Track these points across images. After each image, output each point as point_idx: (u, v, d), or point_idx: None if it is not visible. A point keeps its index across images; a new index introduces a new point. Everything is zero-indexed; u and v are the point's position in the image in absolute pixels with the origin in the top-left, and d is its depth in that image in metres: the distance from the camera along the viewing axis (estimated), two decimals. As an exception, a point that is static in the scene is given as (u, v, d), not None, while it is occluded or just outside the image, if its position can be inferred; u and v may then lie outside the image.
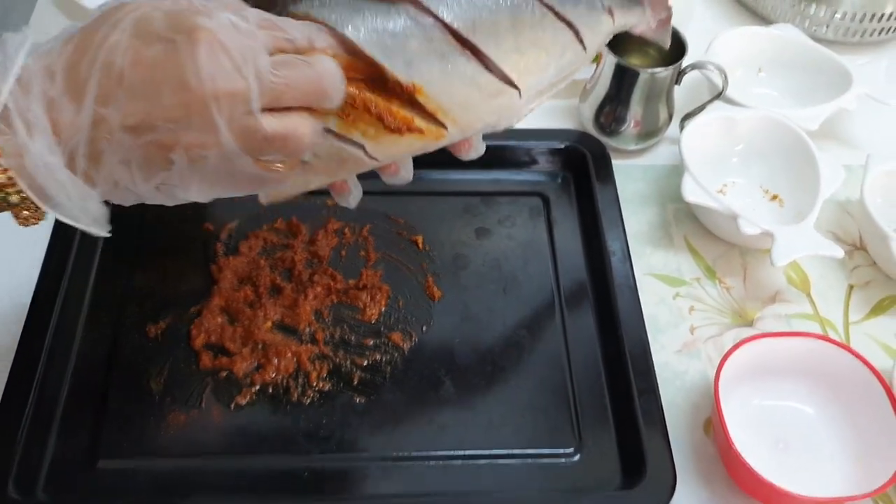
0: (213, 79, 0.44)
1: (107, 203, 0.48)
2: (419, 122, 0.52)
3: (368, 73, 0.50)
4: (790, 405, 0.69)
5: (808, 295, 0.79)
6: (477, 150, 0.59)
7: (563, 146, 0.84)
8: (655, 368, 0.68)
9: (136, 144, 0.45)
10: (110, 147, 0.45)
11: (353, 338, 0.72)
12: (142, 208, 0.50)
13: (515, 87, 0.55)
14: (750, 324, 0.77)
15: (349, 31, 0.49)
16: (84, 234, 0.72)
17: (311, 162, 0.52)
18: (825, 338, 0.69)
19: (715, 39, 0.92)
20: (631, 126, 0.86)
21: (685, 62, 0.84)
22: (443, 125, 0.53)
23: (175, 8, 0.45)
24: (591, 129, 0.87)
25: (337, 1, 0.51)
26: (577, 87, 0.90)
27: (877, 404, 0.66)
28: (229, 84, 0.44)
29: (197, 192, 0.49)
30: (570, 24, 0.57)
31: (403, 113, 0.51)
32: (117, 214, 0.49)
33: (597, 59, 0.86)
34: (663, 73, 0.83)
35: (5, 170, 0.44)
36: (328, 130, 0.50)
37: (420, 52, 0.51)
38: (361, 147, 0.52)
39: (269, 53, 0.46)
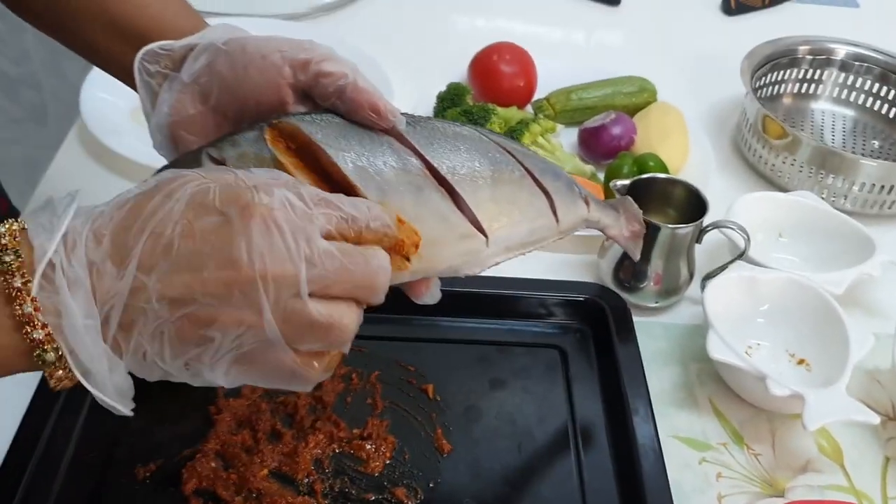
0: (264, 258, 0.43)
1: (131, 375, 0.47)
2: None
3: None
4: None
5: (842, 465, 0.74)
6: (433, 295, 0.56)
7: (581, 299, 0.81)
8: (682, 538, 0.63)
9: (172, 317, 0.43)
10: (145, 316, 0.43)
11: (353, 491, 0.67)
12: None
13: (485, 234, 0.54)
14: (781, 494, 0.71)
15: (330, 150, 0.50)
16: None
17: None
18: (866, 510, 0.64)
19: (735, 203, 0.91)
20: (651, 283, 0.84)
21: (706, 221, 0.83)
22: (406, 258, 0.51)
23: (232, 181, 0.45)
24: (611, 285, 0.85)
25: (328, 121, 0.52)
26: (594, 243, 0.88)
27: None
28: (279, 266, 0.43)
29: (224, 376, 0.46)
30: (546, 193, 0.58)
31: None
32: None
33: (616, 215, 0.85)
34: (684, 229, 0.82)
35: (45, 325, 0.43)
36: None
37: (396, 180, 0.51)
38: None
39: (325, 235, 0.45)
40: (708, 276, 0.85)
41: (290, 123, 0.52)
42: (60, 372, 0.44)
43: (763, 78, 1.15)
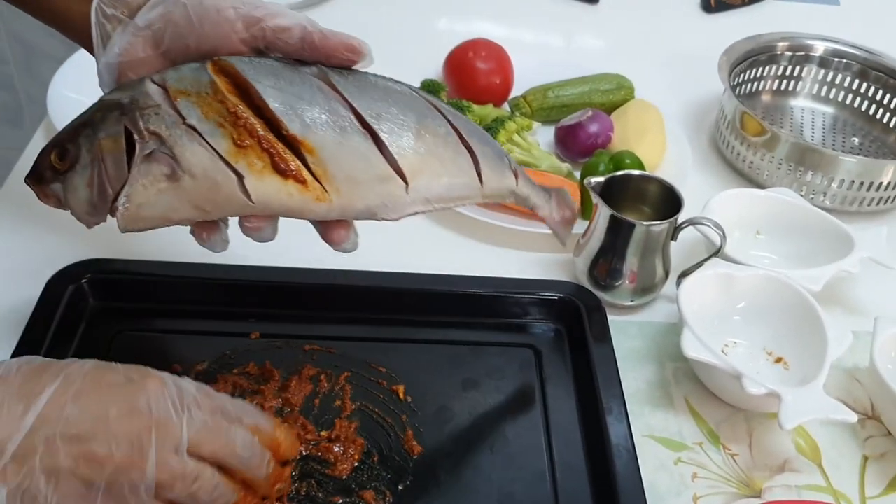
0: (156, 412, 0.51)
1: None
2: (305, 173, 0.54)
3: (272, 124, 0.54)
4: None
5: (819, 465, 0.73)
6: (351, 241, 0.59)
7: (556, 297, 0.80)
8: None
9: (68, 453, 0.49)
10: (43, 449, 0.48)
11: (320, 495, 0.65)
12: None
13: (405, 179, 0.57)
14: (758, 494, 0.70)
15: (259, 86, 0.54)
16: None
17: (182, 181, 0.53)
18: (843, 510, 0.62)
19: (711, 200, 0.90)
20: (626, 281, 0.82)
21: (681, 218, 0.82)
22: (326, 191, 0.55)
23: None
24: (586, 283, 0.84)
25: (263, 63, 0.56)
26: (570, 242, 0.87)
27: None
28: (166, 419, 0.52)
29: None
30: (472, 153, 0.60)
31: (291, 158, 0.54)
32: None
33: (591, 212, 0.84)
34: (659, 226, 0.80)
35: None
36: (215, 152, 0.53)
37: (320, 119, 0.55)
38: (241, 178, 0.53)
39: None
40: (684, 274, 0.84)
41: (228, 62, 0.55)
42: None
43: (742, 75, 1.14)
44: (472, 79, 1.08)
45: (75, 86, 0.98)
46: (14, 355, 0.68)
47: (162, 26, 0.57)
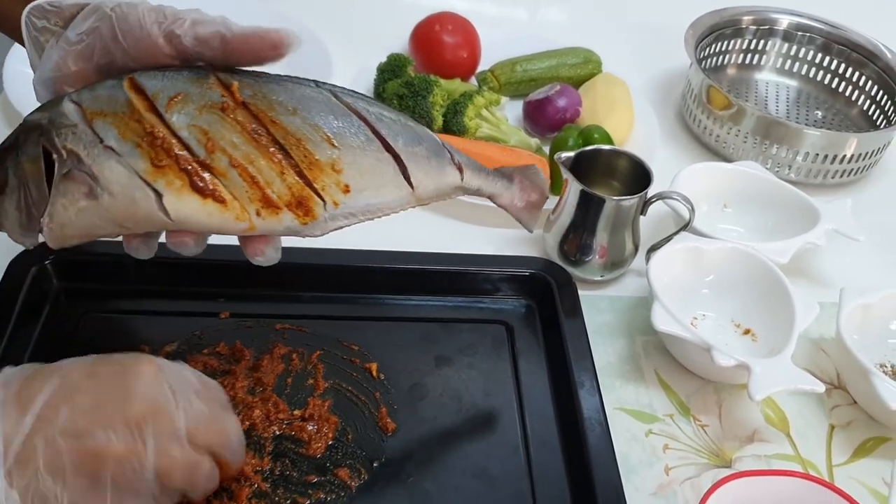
0: (152, 398, 0.51)
1: None
2: (224, 192, 0.53)
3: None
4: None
5: (788, 435, 0.74)
6: (269, 257, 0.58)
7: (527, 273, 0.80)
8: (630, 513, 0.62)
9: (70, 449, 0.48)
10: (44, 449, 0.48)
11: (294, 474, 0.64)
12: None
13: (321, 198, 0.55)
14: (728, 464, 0.71)
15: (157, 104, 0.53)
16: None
17: (101, 199, 0.52)
18: (811, 477, 0.63)
19: (679, 173, 0.90)
20: (597, 256, 0.83)
21: (650, 192, 0.82)
22: (246, 210, 0.53)
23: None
24: (556, 259, 0.84)
25: (173, 76, 0.54)
26: (541, 221, 0.87)
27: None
28: (163, 405, 0.51)
29: None
30: (398, 158, 0.58)
31: (210, 178, 0.52)
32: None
33: (561, 187, 0.84)
34: (629, 201, 0.81)
35: None
36: (134, 171, 0.51)
37: (228, 138, 0.53)
38: (159, 196, 0.52)
39: None
40: (653, 248, 0.84)
41: (139, 80, 0.54)
42: None
43: (707, 48, 1.14)
44: (439, 53, 1.07)
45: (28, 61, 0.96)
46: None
47: (92, 40, 0.55)
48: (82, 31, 0.55)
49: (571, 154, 0.83)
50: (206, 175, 0.52)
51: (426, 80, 0.98)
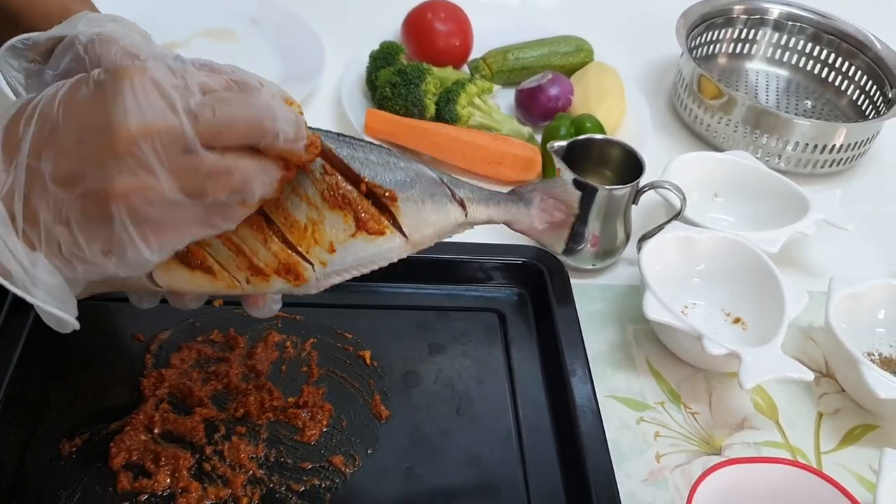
0: (143, 114, 0.42)
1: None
2: (212, 262, 0.51)
3: None
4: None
5: (777, 422, 0.75)
6: (268, 310, 0.57)
7: (520, 262, 0.80)
8: (621, 500, 0.63)
9: (70, 196, 0.43)
10: (46, 204, 0.43)
11: (289, 460, 0.65)
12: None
13: (309, 261, 0.52)
14: (718, 451, 0.72)
15: None
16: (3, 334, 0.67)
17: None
18: (799, 464, 0.64)
19: (671, 163, 0.91)
20: (588, 245, 0.83)
21: (642, 182, 0.82)
22: (236, 278, 0.52)
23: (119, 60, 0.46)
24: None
25: None
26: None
27: (860, 538, 0.61)
28: (159, 120, 0.42)
29: (149, 251, 0.45)
30: (384, 208, 0.54)
31: (196, 249, 0.50)
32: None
33: (552, 176, 0.85)
34: (621, 190, 0.81)
35: None
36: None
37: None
38: (151, 273, 0.50)
39: (206, 91, 0.44)
40: (644, 237, 0.85)
41: None
42: None
43: (698, 38, 1.15)
44: (431, 41, 1.07)
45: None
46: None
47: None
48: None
49: (564, 143, 0.83)
50: (193, 246, 0.49)
51: (419, 69, 0.98)
